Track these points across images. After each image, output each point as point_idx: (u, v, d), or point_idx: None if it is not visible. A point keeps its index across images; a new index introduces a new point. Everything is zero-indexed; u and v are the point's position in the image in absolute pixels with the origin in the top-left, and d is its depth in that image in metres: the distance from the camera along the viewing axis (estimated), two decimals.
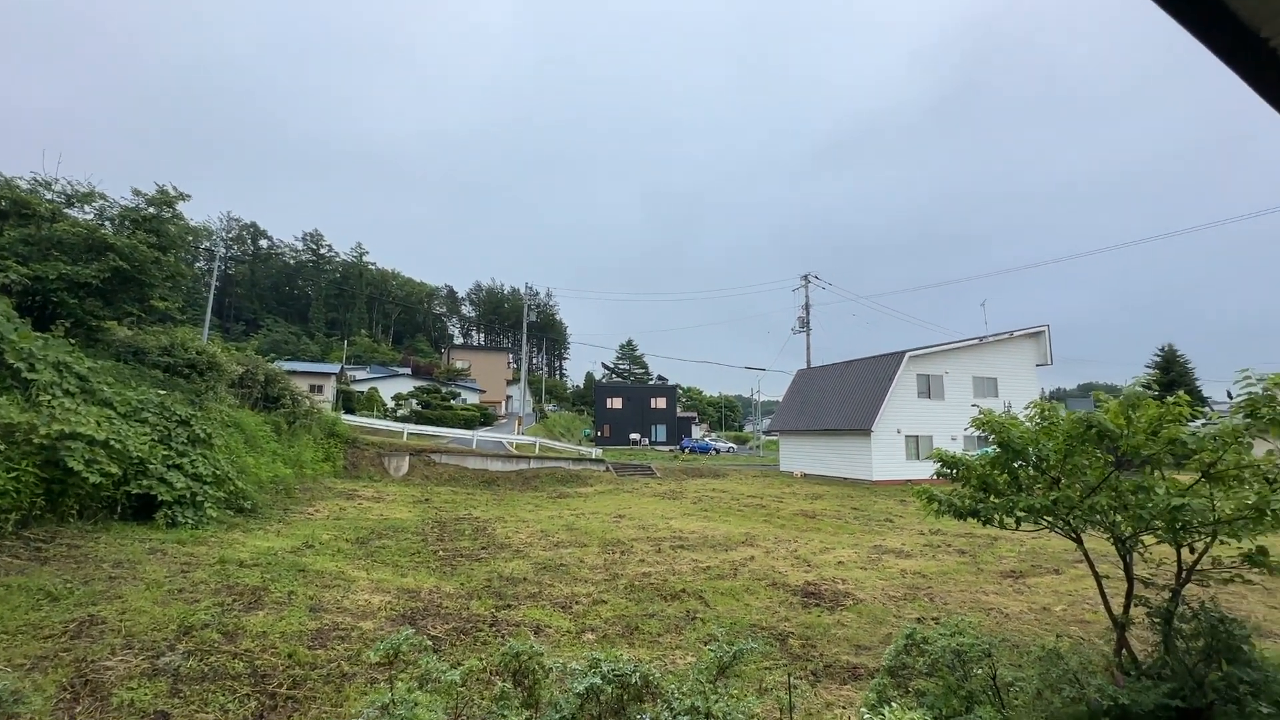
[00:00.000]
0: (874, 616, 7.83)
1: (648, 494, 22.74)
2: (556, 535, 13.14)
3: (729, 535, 13.76)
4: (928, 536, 14.01)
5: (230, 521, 11.10)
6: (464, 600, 7.94)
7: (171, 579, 7.25)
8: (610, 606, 8.11)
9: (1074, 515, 4.92)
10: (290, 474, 16.80)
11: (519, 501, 19.66)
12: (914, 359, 28.93)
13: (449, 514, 15.63)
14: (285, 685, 4.86)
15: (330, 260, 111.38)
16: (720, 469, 34.59)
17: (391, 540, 11.54)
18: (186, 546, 8.86)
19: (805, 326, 42.59)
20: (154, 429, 10.83)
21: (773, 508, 19.29)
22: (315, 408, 21.88)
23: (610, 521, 15.44)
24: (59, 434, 8.44)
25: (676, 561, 10.94)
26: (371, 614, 6.94)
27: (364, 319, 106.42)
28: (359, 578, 8.43)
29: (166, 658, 5.05)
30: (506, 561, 10.38)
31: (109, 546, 8.21)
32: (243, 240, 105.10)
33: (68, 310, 13.64)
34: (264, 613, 6.46)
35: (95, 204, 15.21)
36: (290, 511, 13.61)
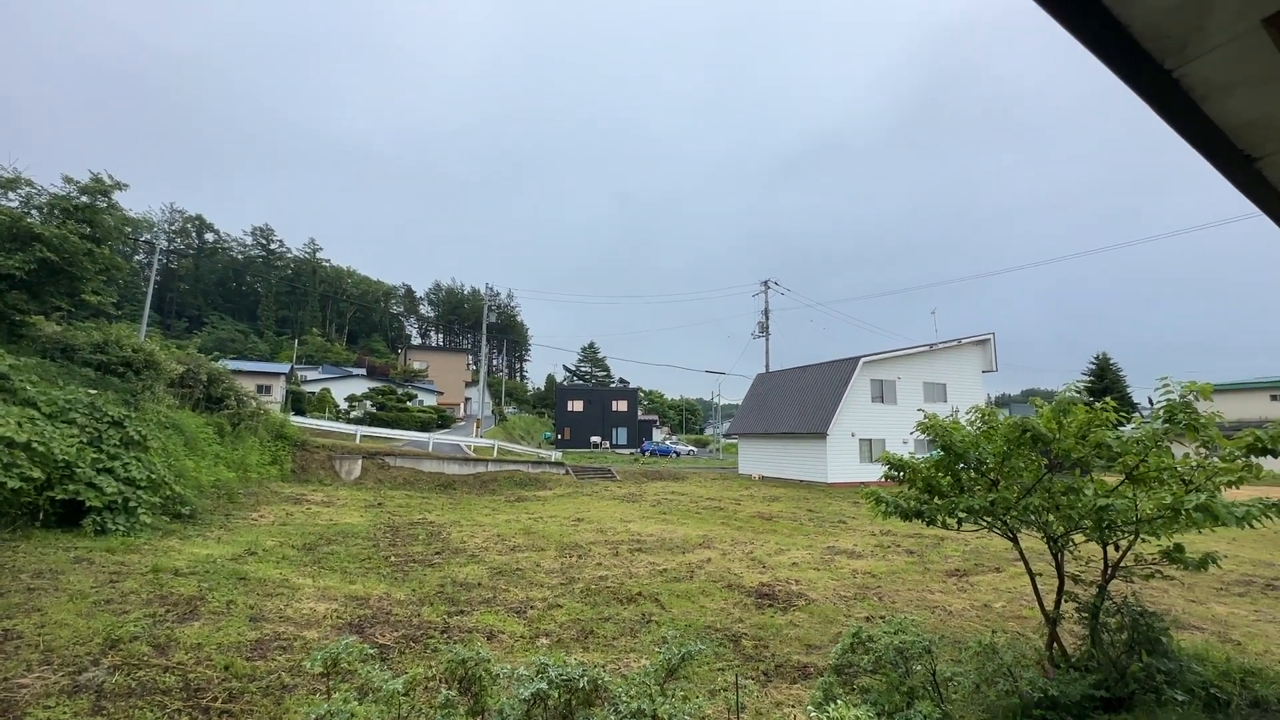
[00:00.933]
0: (825, 616, 7.99)
1: (607, 497, 22.68)
2: (513, 539, 12.97)
3: (687, 538, 13.85)
4: (879, 537, 14.40)
5: (166, 528, 10.56)
6: (415, 607, 7.76)
7: (98, 589, 6.85)
8: (565, 610, 8.05)
9: (1010, 515, 5.14)
10: (234, 478, 16.11)
11: (476, 505, 19.32)
12: (868, 364, 29.74)
13: (403, 518, 15.25)
14: (220, 699, 4.65)
15: (282, 256, 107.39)
16: (680, 472, 34.79)
17: (341, 546, 11.19)
18: (117, 555, 8.38)
19: (765, 331, 43.29)
20: (83, 431, 10.22)
21: (730, 510, 19.51)
22: (262, 409, 21.04)
23: (568, 525, 15.34)
24: None
25: (634, 564, 10.94)
26: (316, 623, 6.71)
27: (317, 318, 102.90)
28: (304, 585, 8.14)
29: (89, 673, 4.77)
30: (461, 566, 10.20)
31: (28, 556, 7.70)
32: (187, 233, 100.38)
33: None
34: (200, 623, 6.17)
35: (21, 190, 14.29)
36: (233, 517, 13.04)
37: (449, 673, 3.08)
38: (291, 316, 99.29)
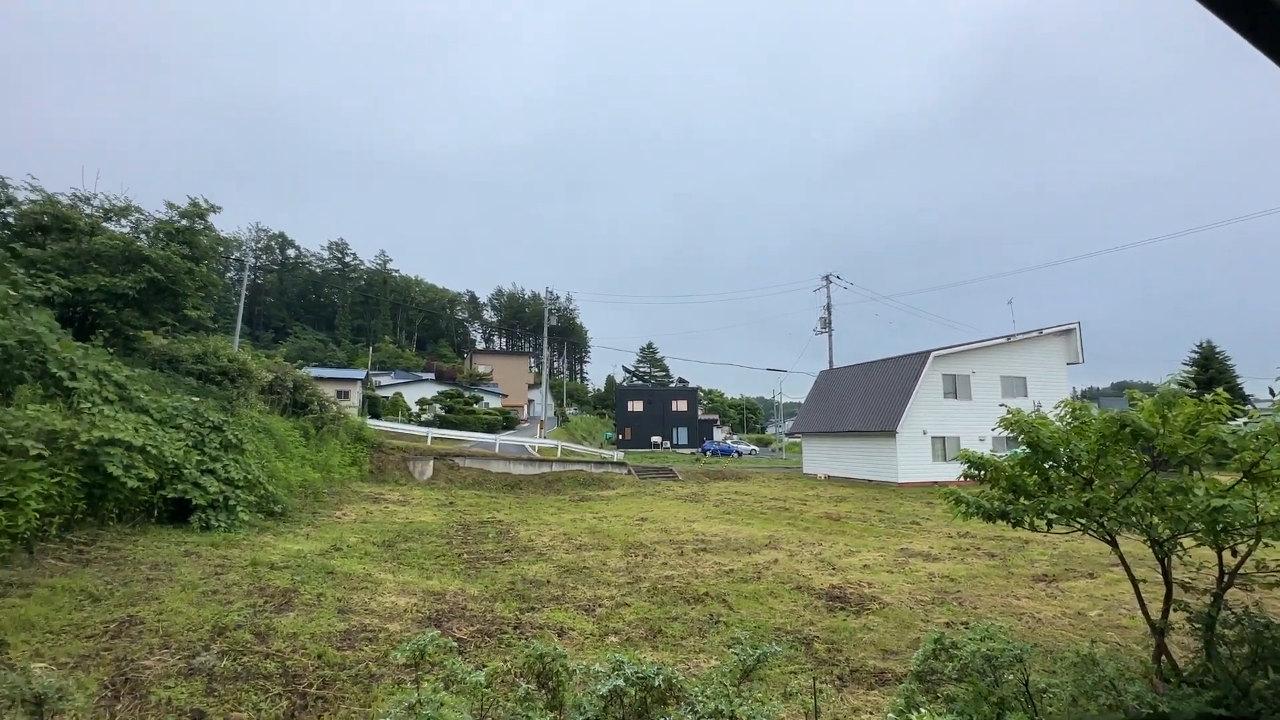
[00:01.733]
0: (901, 620, 7.70)
1: (670, 497, 22.69)
2: (579, 538, 13.18)
3: (752, 538, 13.66)
4: (955, 539, 13.75)
5: (261, 525, 11.35)
6: (488, 603, 8.01)
7: (206, 581, 7.44)
8: (633, 609, 8.11)
9: (1108, 517, 4.79)
10: (318, 478, 17.13)
11: (542, 505, 19.76)
12: (939, 359, 28.44)
13: (473, 517, 15.79)
14: (315, 685, 4.95)
15: (355, 268, 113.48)
16: (742, 471, 34.38)
17: (417, 543, 11.70)
18: (220, 549, 9.08)
19: (827, 327, 42.16)
20: (188, 435, 11.13)
21: (796, 510, 19.11)
22: (342, 413, 22.29)
23: (633, 524, 15.44)
24: (99, 440, 8.73)
25: (699, 564, 10.89)
26: (398, 616, 7.04)
27: (388, 325, 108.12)
28: (386, 580, 8.56)
29: (202, 657, 5.19)
30: (530, 564, 10.45)
31: (146, 549, 8.46)
32: (271, 250, 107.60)
33: (106, 321, 14.11)
34: (294, 614, 6.59)
35: (131, 217, 15.73)
36: (319, 515, 13.87)
37: (527, 667, 3.16)
38: (365, 325, 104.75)
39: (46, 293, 12.37)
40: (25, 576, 6.71)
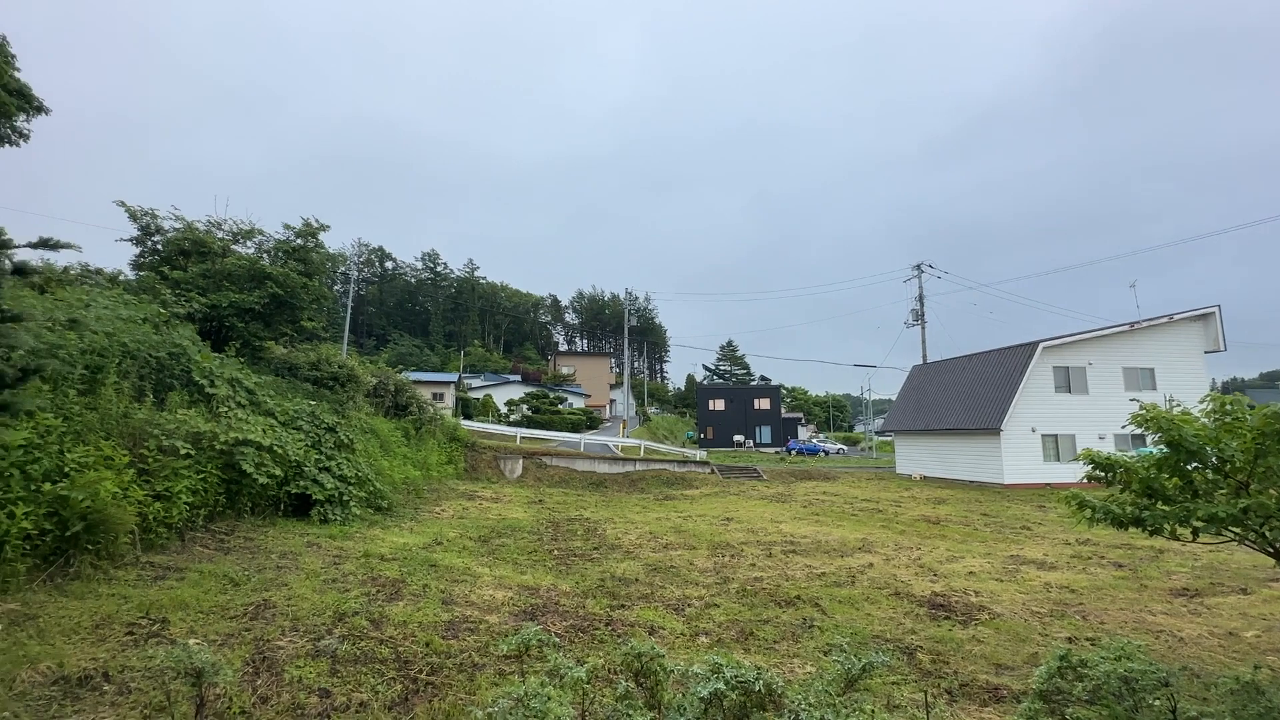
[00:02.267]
0: (1015, 633, 7.14)
1: (755, 497, 22.30)
2: (665, 537, 13.22)
3: (844, 540, 13.16)
4: (1074, 547, 12.60)
5: (371, 519, 12.21)
6: (580, 599, 8.19)
7: (326, 570, 8.09)
8: (723, 610, 8.02)
9: (1270, 526, 4.20)
10: (419, 476, 18.21)
11: (626, 503, 20.00)
12: (1049, 349, 26.20)
13: (561, 515, 16.22)
14: (425, 671, 5.25)
15: (446, 277, 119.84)
16: (830, 471, 33.24)
17: (510, 539, 12.16)
18: (336, 541, 9.86)
19: (919, 319, 39.95)
20: (307, 435, 12.17)
21: (890, 512, 18.22)
22: (438, 414, 23.60)
23: (718, 524, 15.31)
24: (235, 441, 9.72)
25: (789, 566, 10.62)
26: (496, 609, 7.34)
27: (477, 330, 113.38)
28: (483, 574, 8.96)
29: (325, 641, 5.64)
30: (618, 562, 10.59)
31: (275, 539, 9.32)
32: (372, 263, 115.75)
33: (237, 333, 15.70)
34: (403, 603, 7.03)
35: (255, 239, 17.41)
36: (420, 510, 14.74)
37: (625, 664, 3.18)
38: (456, 330, 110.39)
39: (189, 310, 13.93)
40: (179, 562, 7.58)
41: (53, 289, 11.10)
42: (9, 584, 5.84)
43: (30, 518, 6.16)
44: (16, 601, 5.66)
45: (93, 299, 10.74)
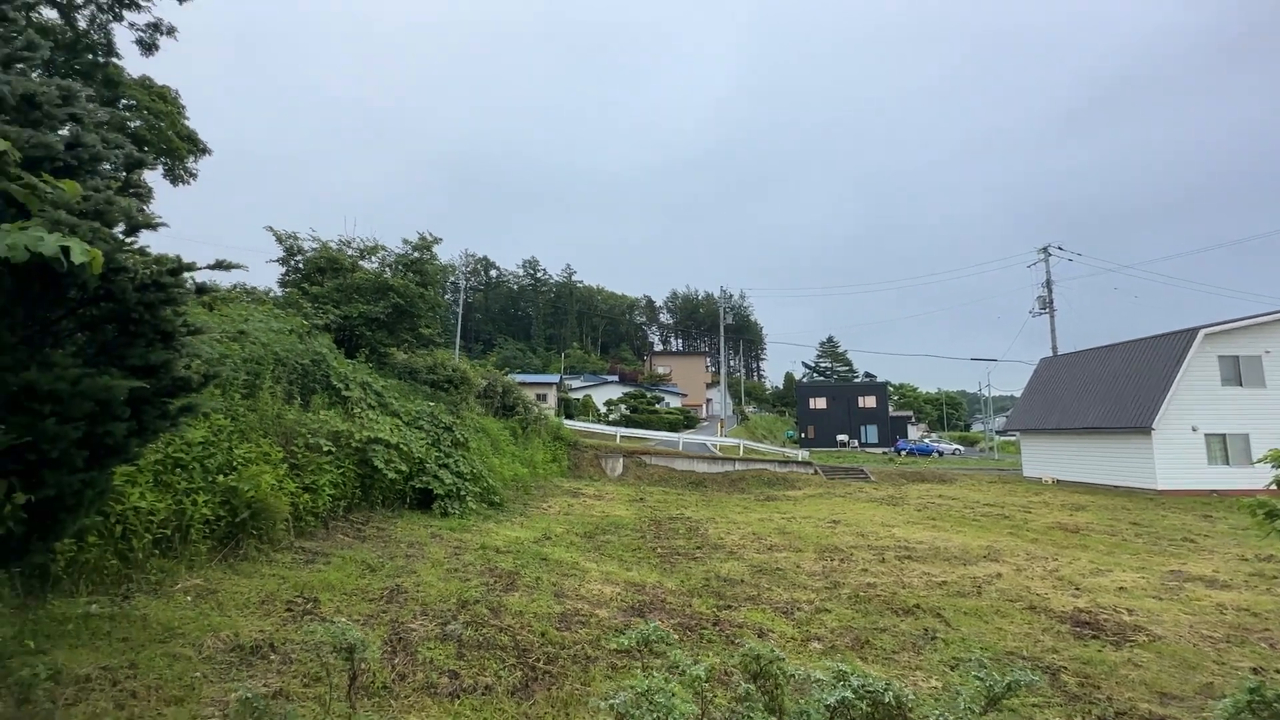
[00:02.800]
0: (1182, 659, 6.30)
1: (862, 499, 21.29)
2: (769, 538, 12.93)
3: (966, 548, 12.23)
4: (1254, 563, 10.91)
5: (485, 513, 12.93)
6: (685, 598, 8.20)
7: (448, 560, 8.66)
8: (835, 616, 7.72)
9: None
10: (526, 473, 19.06)
11: (727, 503, 19.79)
12: (1213, 336, 22.89)
13: (663, 513, 16.33)
14: (542, 660, 5.47)
15: (545, 282, 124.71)
16: (946, 473, 31.04)
17: (614, 536, 12.40)
18: (456, 533, 10.52)
19: (1047, 307, 36.35)
20: (427, 434, 13.11)
21: (1019, 519, 16.70)
22: (543, 414, 24.58)
23: (824, 526, 14.76)
24: (367, 439, 10.66)
25: (905, 573, 10.03)
26: (605, 603, 7.51)
27: (575, 333, 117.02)
28: (591, 569, 9.20)
29: (451, 626, 6.03)
30: (722, 562, 10.49)
31: (403, 530, 10.11)
32: (478, 272, 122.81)
33: (365, 340, 17.20)
34: (518, 594, 7.37)
35: (379, 254, 19.01)
36: (529, 506, 15.42)
37: (743, 666, 3.13)
38: (556, 333, 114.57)
39: (326, 321, 15.45)
40: (324, 547, 8.41)
41: (218, 306, 12.73)
42: (194, 562, 6.74)
43: (208, 505, 7.08)
44: (200, 577, 6.53)
45: (250, 314, 12.20)
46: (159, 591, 5.97)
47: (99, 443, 3.54)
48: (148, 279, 3.57)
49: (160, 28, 17.33)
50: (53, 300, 3.37)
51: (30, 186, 3.02)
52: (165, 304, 3.75)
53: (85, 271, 2.88)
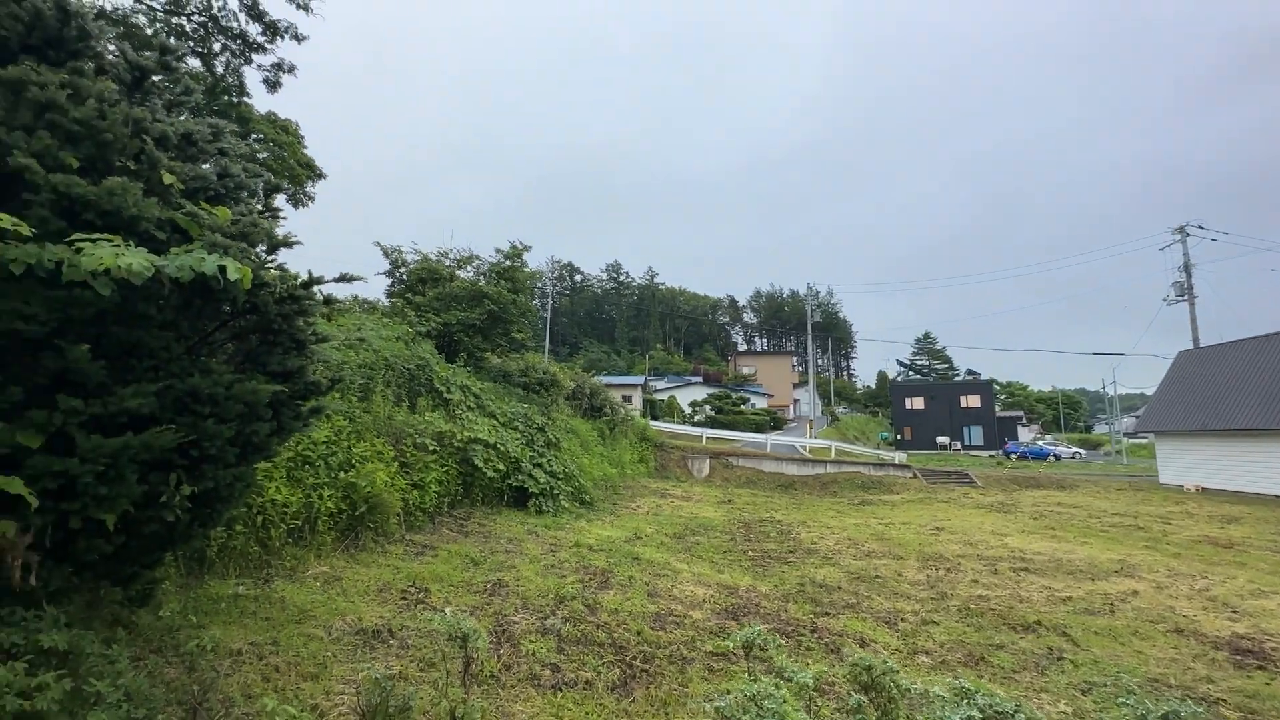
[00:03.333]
0: None
1: (968, 505, 19.90)
2: (866, 544, 12.37)
3: (1094, 561, 11.13)
4: None
5: (576, 512, 13.24)
6: (780, 602, 8.00)
7: (544, 556, 8.94)
8: (943, 629, 7.26)
9: None
10: (615, 473, 19.35)
11: (819, 506, 19.14)
12: None
13: (751, 515, 16.04)
14: (639, 659, 5.52)
15: (628, 285, 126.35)
16: (1065, 478, 28.39)
17: (704, 537, 12.32)
18: (550, 531, 10.85)
19: (1185, 294, 32.41)
20: (522, 435, 13.62)
21: (1156, 531, 14.99)
22: (629, 415, 24.88)
23: (927, 533, 13.93)
24: (468, 439, 11.23)
25: (1021, 586, 9.27)
26: (698, 605, 7.47)
27: (658, 334, 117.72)
28: (682, 570, 9.19)
29: (551, 621, 6.22)
30: (816, 567, 10.16)
31: (502, 526, 10.56)
32: (563, 278, 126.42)
33: (463, 346, 18.15)
34: (613, 592, 7.49)
35: (474, 264, 20.00)
36: (618, 506, 15.63)
37: (852, 676, 3.01)
38: (639, 335, 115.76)
39: (428, 328, 16.45)
40: (431, 541, 8.94)
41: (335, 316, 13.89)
42: (321, 551, 7.38)
43: (332, 499, 7.73)
44: (326, 565, 7.13)
45: (362, 323, 13.21)
46: (293, 576, 6.58)
47: (247, 441, 3.95)
48: (285, 293, 3.95)
49: (282, 67, 19.15)
50: (210, 314, 3.80)
51: (191, 214, 3.43)
52: (299, 315, 4.13)
53: (237, 288, 3.23)
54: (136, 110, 3.45)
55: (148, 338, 3.32)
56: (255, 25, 18.31)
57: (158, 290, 3.16)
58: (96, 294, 2.82)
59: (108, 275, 2.79)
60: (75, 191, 2.91)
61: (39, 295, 2.81)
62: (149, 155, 3.40)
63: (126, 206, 3.05)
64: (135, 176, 3.28)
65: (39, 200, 2.89)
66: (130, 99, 3.65)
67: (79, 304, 2.90)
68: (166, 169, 3.45)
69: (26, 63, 3.06)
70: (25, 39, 3.25)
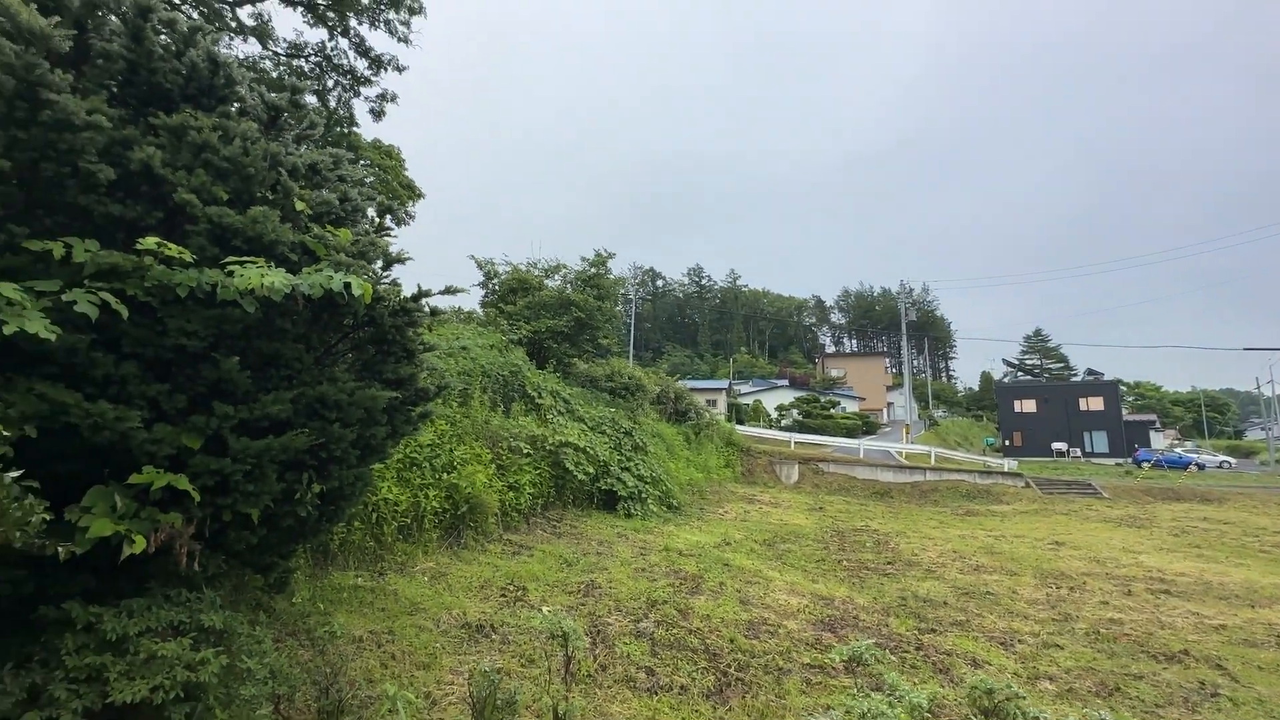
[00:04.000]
0: None
1: (1093, 518, 18.10)
2: (974, 558, 11.55)
3: (1253, 585, 9.79)
4: None
5: (664, 516, 13.27)
6: (880, 616, 7.63)
7: (634, 559, 9.02)
8: (1068, 653, 6.65)
9: None
10: (701, 478, 19.23)
11: (918, 516, 18.09)
12: None
13: (845, 524, 15.41)
14: (733, 667, 5.44)
15: (710, 289, 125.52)
16: (1211, 491, 25.14)
17: (795, 545, 11.97)
18: (639, 534, 10.95)
19: None
20: (609, 439, 13.85)
21: None
22: (714, 420, 24.66)
23: (1045, 548, 12.80)
24: (559, 443, 11.57)
25: (1163, 611, 8.31)
26: (792, 615, 7.26)
27: (741, 337, 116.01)
28: (774, 578, 8.97)
29: (643, 623, 6.26)
30: (919, 581, 9.60)
31: (593, 528, 10.77)
32: (645, 283, 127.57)
33: (552, 352, 18.72)
34: (704, 598, 7.43)
35: (561, 272, 20.62)
36: (705, 511, 15.52)
37: (971, 700, 2.81)
38: (722, 339, 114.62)
39: (519, 336, 17.13)
40: (527, 541, 9.27)
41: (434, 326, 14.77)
42: (428, 547, 7.84)
43: (437, 499, 8.20)
44: (433, 561, 7.56)
45: (459, 332, 13.95)
46: (403, 571, 7.04)
47: (366, 443, 4.27)
48: (397, 305, 4.26)
49: (386, 96, 20.68)
50: (334, 327, 4.16)
51: (319, 237, 3.76)
52: (409, 326, 4.43)
53: (358, 302, 3.51)
54: (272, 145, 3.84)
55: (284, 349, 3.68)
56: (362, 60, 19.89)
57: (293, 307, 3.50)
58: (244, 311, 3.16)
59: (252, 294, 3.13)
60: (226, 221, 3.28)
61: (199, 314, 3.18)
62: (283, 185, 3.78)
63: (267, 232, 3.39)
64: (272, 205, 3.65)
65: (197, 230, 3.29)
66: (266, 135, 4.07)
67: (230, 320, 3.26)
68: (298, 197, 3.82)
69: (186, 110, 3.49)
70: (184, 89, 3.71)
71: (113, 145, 3.16)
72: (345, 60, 19.90)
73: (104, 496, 2.93)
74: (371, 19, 18.86)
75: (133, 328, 3.06)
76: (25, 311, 2.51)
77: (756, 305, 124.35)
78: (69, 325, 2.76)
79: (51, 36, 2.90)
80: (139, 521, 2.96)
